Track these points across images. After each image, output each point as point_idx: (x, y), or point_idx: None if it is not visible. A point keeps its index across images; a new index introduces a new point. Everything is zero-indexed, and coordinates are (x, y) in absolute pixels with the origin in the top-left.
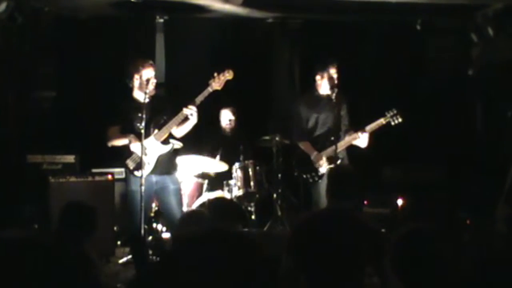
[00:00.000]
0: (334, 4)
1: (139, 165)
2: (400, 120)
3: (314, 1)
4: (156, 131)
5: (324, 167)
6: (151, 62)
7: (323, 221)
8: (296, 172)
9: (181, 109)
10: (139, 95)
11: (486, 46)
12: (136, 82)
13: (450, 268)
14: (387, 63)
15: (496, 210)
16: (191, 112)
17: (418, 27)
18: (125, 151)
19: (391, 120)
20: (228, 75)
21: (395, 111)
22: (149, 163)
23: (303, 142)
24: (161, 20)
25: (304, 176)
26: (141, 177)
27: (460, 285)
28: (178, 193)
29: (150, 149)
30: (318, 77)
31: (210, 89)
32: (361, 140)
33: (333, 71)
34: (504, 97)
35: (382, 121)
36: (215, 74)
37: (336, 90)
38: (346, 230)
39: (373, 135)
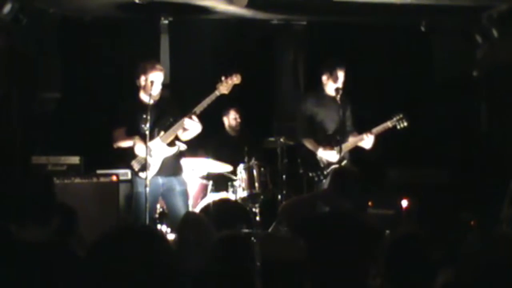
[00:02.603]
0: (339, 6)
1: (144, 167)
2: (405, 124)
3: (318, 2)
4: (162, 133)
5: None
6: (159, 66)
7: (326, 222)
8: (301, 170)
9: (186, 113)
10: (145, 97)
11: (490, 47)
12: (142, 83)
13: (441, 273)
14: (391, 65)
15: (501, 212)
16: (192, 124)
17: (423, 28)
18: (131, 152)
19: (397, 123)
20: (236, 79)
21: (401, 115)
22: (154, 164)
23: (307, 139)
24: (166, 22)
25: (310, 174)
26: (145, 178)
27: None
28: (185, 195)
29: (155, 151)
30: (324, 77)
31: (217, 93)
32: (367, 141)
33: (340, 73)
34: (509, 98)
35: (388, 124)
36: (223, 78)
37: (340, 92)
38: (350, 231)
39: (378, 138)
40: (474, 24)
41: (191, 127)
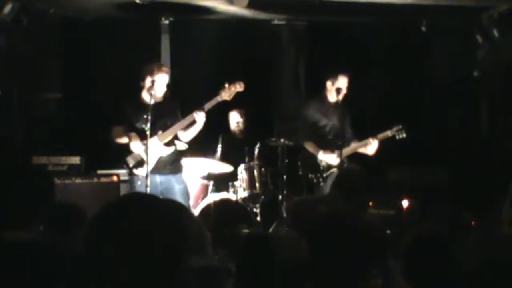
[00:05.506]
0: (339, 6)
1: (139, 164)
2: (404, 135)
3: (318, 2)
4: (160, 132)
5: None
6: (165, 68)
7: (328, 222)
8: (301, 172)
9: (187, 113)
10: (147, 97)
11: (491, 47)
12: (147, 84)
13: (461, 271)
14: (392, 65)
15: (501, 212)
16: (199, 118)
17: (423, 29)
18: (129, 150)
19: (396, 134)
20: (239, 87)
21: (400, 126)
22: (149, 162)
23: (308, 142)
24: (167, 22)
25: (309, 176)
26: (146, 176)
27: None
28: (184, 193)
29: (151, 149)
30: (328, 83)
31: (219, 99)
32: (371, 147)
33: (343, 81)
34: (509, 98)
35: (388, 133)
36: (226, 85)
37: (341, 98)
38: (351, 231)
39: (380, 143)
40: (475, 24)
41: (199, 120)
